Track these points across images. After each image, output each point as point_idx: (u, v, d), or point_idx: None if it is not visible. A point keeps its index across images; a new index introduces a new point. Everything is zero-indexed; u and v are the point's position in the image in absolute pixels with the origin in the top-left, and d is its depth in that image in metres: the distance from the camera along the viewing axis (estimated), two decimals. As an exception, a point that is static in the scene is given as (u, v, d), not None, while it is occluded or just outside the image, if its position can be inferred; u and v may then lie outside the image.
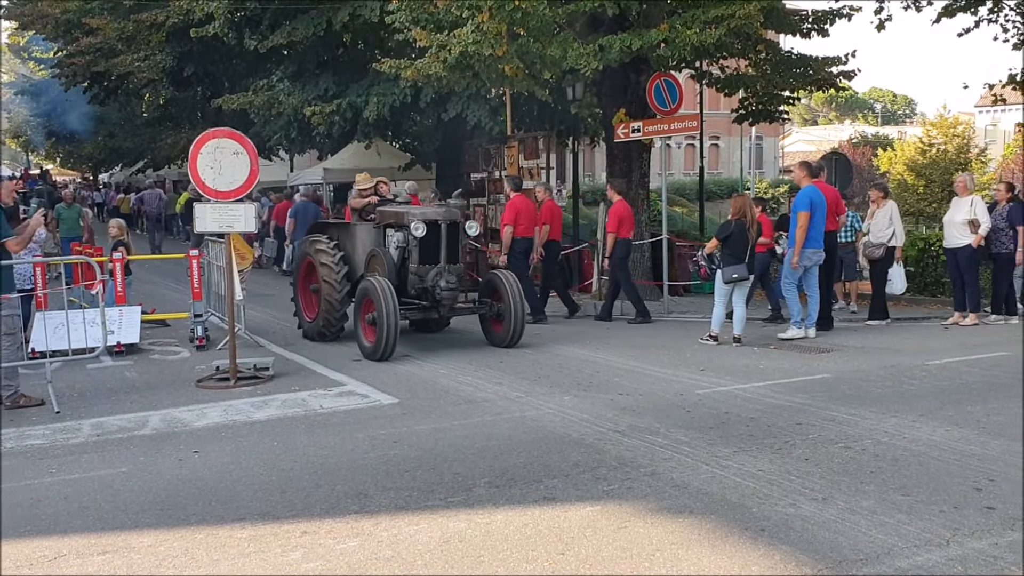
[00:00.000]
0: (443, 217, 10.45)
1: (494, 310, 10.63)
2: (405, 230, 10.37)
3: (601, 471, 5.70)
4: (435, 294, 10.17)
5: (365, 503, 5.21)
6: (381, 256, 10.48)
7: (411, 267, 10.36)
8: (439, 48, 12.62)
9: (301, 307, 11.66)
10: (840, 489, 5.27)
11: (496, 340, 10.61)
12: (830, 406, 7.31)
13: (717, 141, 52.90)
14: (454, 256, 10.52)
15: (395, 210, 10.91)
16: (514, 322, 10.32)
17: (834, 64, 15.10)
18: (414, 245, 10.29)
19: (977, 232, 11.40)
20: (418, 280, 10.32)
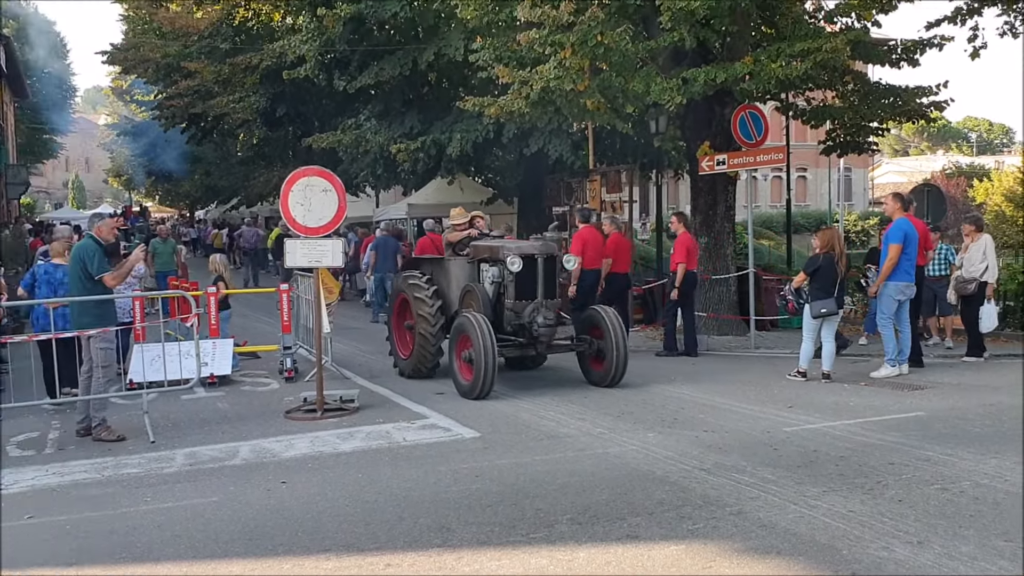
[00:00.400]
0: (540, 251, 10.15)
1: (594, 347, 10.18)
2: (500, 265, 10.11)
3: (686, 510, 5.61)
4: (532, 330, 9.85)
5: (447, 537, 5.23)
6: (476, 291, 10.23)
7: (507, 303, 10.08)
8: (521, 84, 12.77)
9: (396, 344, 11.50)
10: (937, 533, 5.07)
11: (595, 379, 10.18)
12: (925, 445, 7.05)
13: (805, 173, 51.96)
14: (551, 291, 10.19)
15: (490, 244, 10.66)
16: (616, 360, 9.87)
17: (924, 95, 14.72)
18: (510, 280, 10.01)
19: None
20: (514, 316, 10.03)
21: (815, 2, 14.58)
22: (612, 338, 9.90)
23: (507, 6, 13.32)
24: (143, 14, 32.78)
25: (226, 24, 26.01)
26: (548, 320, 9.84)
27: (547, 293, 10.09)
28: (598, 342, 10.14)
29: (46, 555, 5.23)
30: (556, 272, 10.33)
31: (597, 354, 10.18)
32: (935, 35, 14.13)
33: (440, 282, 10.90)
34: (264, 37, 24.83)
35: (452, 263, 10.99)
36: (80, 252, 8.35)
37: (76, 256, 8.38)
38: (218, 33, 26.42)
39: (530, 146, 17.71)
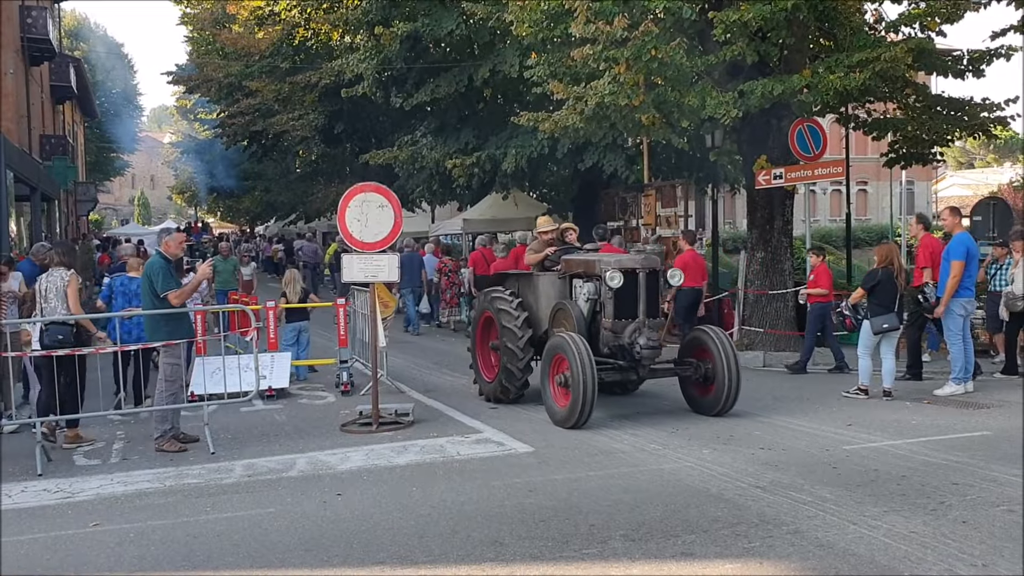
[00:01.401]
0: (642, 265, 9.25)
1: (701, 371, 9.24)
2: (597, 280, 9.28)
3: (741, 527, 5.53)
4: (633, 352, 8.96)
5: (500, 551, 5.23)
6: (569, 309, 9.37)
7: (604, 322, 9.19)
8: (576, 100, 12.79)
9: (479, 365, 10.74)
10: (1003, 556, 4.93)
11: (703, 406, 9.26)
12: (991, 466, 6.86)
13: (865, 186, 51.09)
14: (654, 309, 9.28)
15: (584, 258, 9.77)
16: (728, 385, 8.96)
17: (989, 109, 14.37)
18: (608, 297, 9.13)
19: None
20: (613, 337, 9.13)
21: (875, 13, 14.35)
22: (723, 360, 8.98)
23: (562, 22, 13.36)
24: (207, 35, 33.64)
25: (286, 44, 26.54)
26: (652, 341, 8.94)
27: (650, 311, 9.18)
28: (705, 365, 9.22)
29: (110, 562, 5.35)
30: (659, 288, 9.47)
31: (704, 379, 9.25)
32: (1001, 45, 13.80)
33: (527, 299, 10.15)
34: (323, 56, 25.28)
35: (541, 279, 10.15)
36: (148, 270, 8.59)
37: (146, 273, 8.62)
38: (278, 53, 26.98)
39: (584, 161, 17.73)
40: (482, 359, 10.75)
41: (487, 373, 10.57)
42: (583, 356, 8.41)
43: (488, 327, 10.56)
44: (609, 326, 9.16)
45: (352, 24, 21.32)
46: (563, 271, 9.98)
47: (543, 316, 9.89)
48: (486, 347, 10.66)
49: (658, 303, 9.42)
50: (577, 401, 8.42)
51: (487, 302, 10.35)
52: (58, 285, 8.55)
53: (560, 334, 9.03)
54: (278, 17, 26.61)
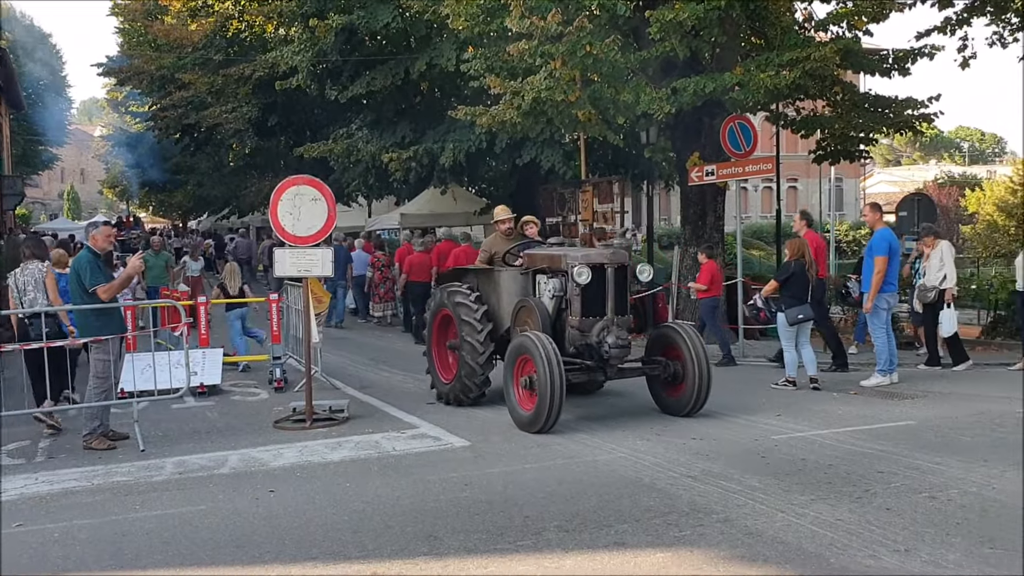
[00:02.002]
0: (610, 260, 8.79)
1: (670, 370, 8.86)
2: (563, 276, 8.83)
3: (672, 517, 5.61)
4: (602, 351, 8.56)
5: (435, 545, 5.23)
6: (533, 307, 8.88)
7: (571, 319, 8.70)
8: (513, 95, 12.84)
9: (435, 366, 10.20)
10: (924, 541, 5.08)
11: (672, 407, 8.90)
12: (914, 454, 7.06)
13: (795, 183, 52.14)
14: (623, 307, 8.84)
15: (549, 253, 9.36)
16: (698, 385, 8.61)
17: (914, 107, 14.80)
18: (575, 294, 8.65)
19: None
20: (579, 335, 8.68)
21: (805, 12, 14.67)
22: (693, 359, 8.62)
23: (497, 17, 13.40)
24: (138, 27, 32.86)
25: (219, 36, 26.07)
26: (621, 340, 8.54)
27: (618, 309, 8.76)
28: (674, 364, 8.84)
29: (34, 563, 5.21)
30: (628, 285, 9.01)
31: (673, 378, 8.86)
32: (926, 45, 14.24)
33: (488, 296, 9.62)
34: (257, 48, 24.89)
35: (502, 275, 9.62)
36: (76, 265, 8.40)
37: (73, 268, 8.43)
38: (211, 45, 26.47)
39: (523, 156, 17.77)
40: (439, 359, 10.22)
41: (444, 374, 10.07)
42: (550, 357, 7.98)
43: (445, 325, 10.06)
44: (576, 324, 8.68)
45: (286, 16, 21.04)
46: (526, 266, 9.54)
47: (505, 314, 9.40)
48: (443, 346, 10.15)
49: (627, 300, 8.96)
50: (544, 404, 7.96)
51: (445, 299, 9.80)
52: (36, 278, 8.43)
53: (525, 333, 8.55)
54: (211, 9, 26.14)
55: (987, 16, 15.89)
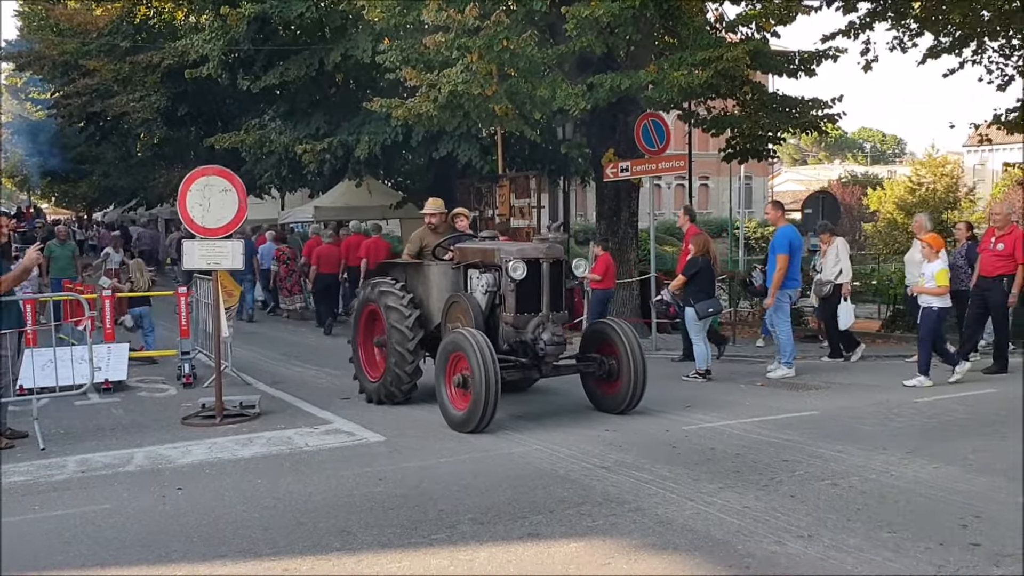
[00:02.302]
0: (545, 255, 8.57)
1: (605, 367, 8.69)
2: (496, 271, 8.61)
3: (586, 507, 5.68)
4: (537, 348, 8.33)
5: (348, 540, 5.18)
6: (465, 303, 8.64)
7: (505, 316, 8.48)
8: (429, 87, 12.77)
9: (361, 364, 9.87)
10: (826, 526, 5.25)
11: (607, 404, 8.73)
12: (817, 443, 7.30)
13: (707, 181, 53.24)
14: (558, 302, 8.64)
15: (482, 247, 9.09)
16: (634, 382, 8.47)
17: (819, 107, 15.26)
18: (510, 289, 8.40)
19: None
20: (514, 332, 8.45)
21: (716, 12, 14.97)
22: (629, 356, 8.47)
23: (414, 9, 13.31)
24: (39, 10, 31.50)
25: (126, 21, 25.19)
26: (557, 336, 8.35)
27: (554, 305, 8.55)
28: (609, 361, 8.68)
29: (-79, 569, 4.98)
30: (563, 280, 8.83)
31: (608, 375, 8.70)
32: (830, 47, 14.68)
33: (417, 291, 9.34)
34: (166, 36, 24.14)
35: (432, 269, 9.32)
36: (-30, 255, 8.02)
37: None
38: (118, 31, 25.57)
39: (439, 150, 17.70)
40: (365, 356, 9.88)
41: (371, 372, 9.73)
42: (484, 354, 7.72)
43: (372, 321, 9.74)
44: (511, 320, 8.43)
45: (196, 3, 20.50)
46: (457, 261, 9.24)
47: (435, 309, 9.12)
48: (370, 343, 9.83)
49: (562, 296, 8.77)
50: (478, 403, 7.69)
51: (371, 294, 9.51)
52: None
53: (457, 330, 8.32)
54: (118, -7, 25.24)
55: (888, 21, 16.50)
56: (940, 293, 10.02)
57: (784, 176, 69.35)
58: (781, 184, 65.14)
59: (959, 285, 11.90)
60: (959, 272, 11.89)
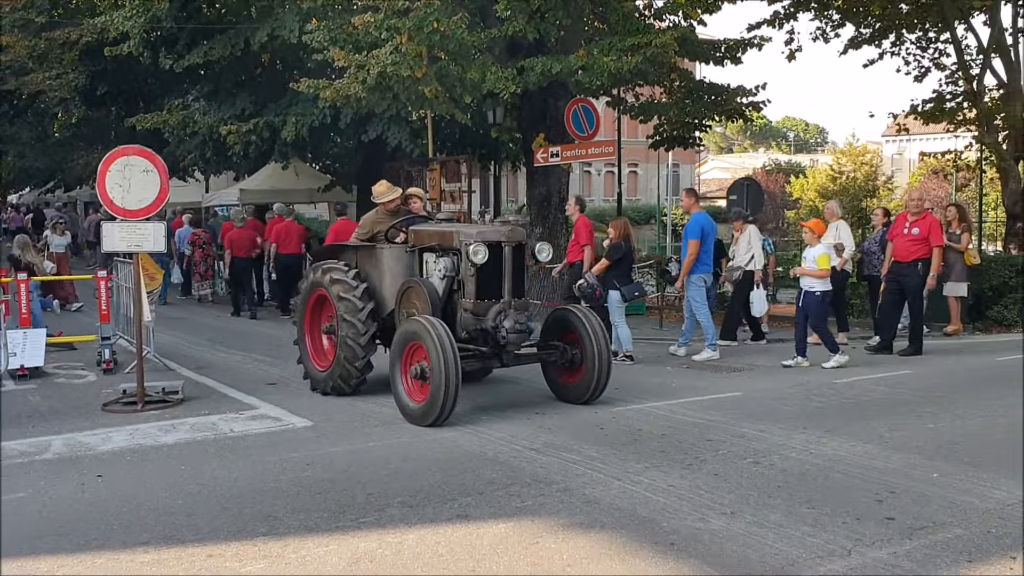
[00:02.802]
0: (508, 238, 8.15)
1: (567, 356, 8.38)
2: (454, 255, 8.22)
3: (515, 488, 5.71)
4: (498, 337, 7.95)
5: (274, 525, 5.11)
6: (421, 288, 8.23)
7: (464, 302, 8.07)
8: (358, 68, 12.62)
9: (308, 353, 9.37)
10: (748, 503, 5.38)
11: (570, 394, 8.41)
12: (740, 423, 7.46)
13: (636, 168, 53.76)
14: (520, 288, 8.27)
15: (440, 230, 8.61)
16: (598, 371, 8.15)
17: (745, 95, 15.55)
18: (470, 274, 8.01)
19: (841, 255, 11.83)
20: (473, 320, 8.03)
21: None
22: (592, 344, 8.15)
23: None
24: (-56, -20, 30.17)
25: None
26: (519, 324, 7.98)
27: (515, 291, 8.17)
28: (571, 349, 8.35)
29: None
30: (525, 265, 8.48)
31: (570, 363, 8.38)
32: (756, 36, 14.97)
33: (369, 276, 8.90)
34: (84, 12, 23.30)
35: (385, 252, 8.90)
36: None
37: None
38: (32, 5, 24.56)
39: (368, 132, 17.47)
40: (312, 345, 9.38)
41: (318, 360, 9.24)
42: (444, 343, 7.32)
43: (319, 307, 9.30)
44: (471, 307, 8.00)
45: (116, -22, 19.81)
46: (412, 244, 8.79)
47: (388, 295, 8.71)
48: (317, 331, 9.37)
49: (524, 281, 8.40)
50: (438, 395, 7.29)
51: (318, 278, 9.02)
52: None
53: (415, 318, 7.86)
54: (31, -34, 24.27)
55: (811, 11, 16.86)
56: (821, 276, 10.30)
57: (711, 164, 70.49)
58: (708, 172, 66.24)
59: (872, 271, 12.32)
60: (872, 258, 12.29)
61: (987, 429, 7.28)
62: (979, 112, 17.51)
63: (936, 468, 6.06)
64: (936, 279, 11.45)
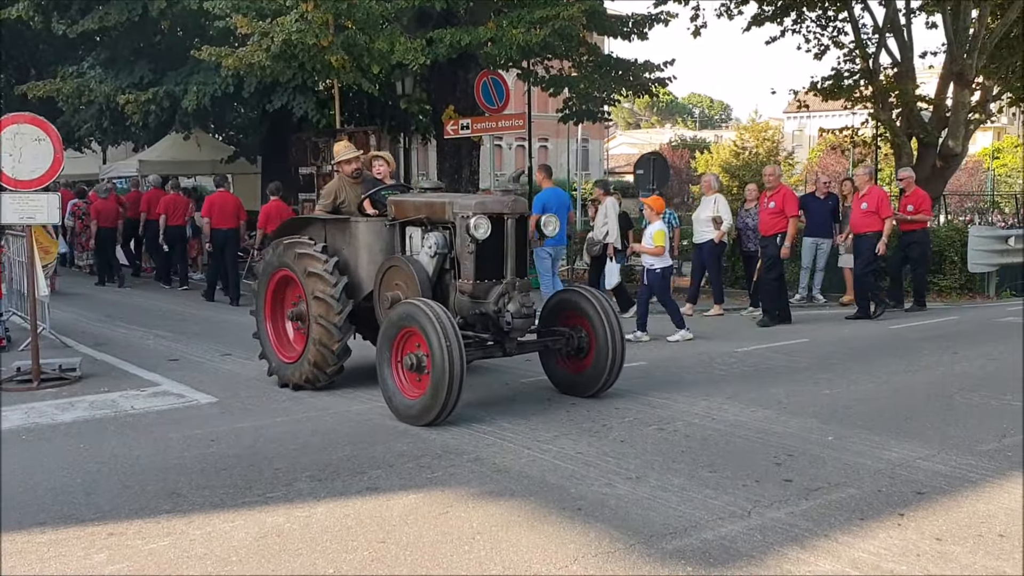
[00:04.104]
0: (511, 209, 7.11)
1: (574, 342, 7.39)
2: (447, 229, 7.23)
3: (425, 459, 5.73)
4: (501, 322, 6.95)
5: (178, 502, 5.01)
6: (408, 268, 7.22)
7: (461, 284, 7.06)
8: (262, 36, 12.32)
9: (271, 342, 8.29)
10: (653, 468, 5.51)
11: (577, 385, 7.49)
12: (646, 391, 7.63)
13: (546, 143, 53.98)
14: (523, 267, 7.27)
15: (428, 200, 7.51)
16: (612, 358, 7.23)
17: (651, 70, 15.75)
18: (469, 252, 6.98)
19: (719, 228, 12.20)
20: (470, 304, 7.05)
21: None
22: (604, 327, 7.23)
23: (245, -47, 12.76)
24: None
25: (-82, -47, 22.89)
26: (526, 308, 6.94)
27: (519, 270, 7.17)
28: (578, 334, 7.39)
29: None
30: (528, 240, 7.54)
31: (577, 351, 7.43)
32: (662, 11, 15.15)
33: (341, 254, 7.81)
34: (-33, -28, 22.11)
35: (361, 227, 7.78)
36: None
37: None
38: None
39: (273, 102, 17.06)
40: (274, 332, 8.33)
41: (283, 351, 8.21)
42: (447, 328, 6.36)
43: (283, 290, 8.26)
44: (469, 289, 7.01)
45: (3, -63, 18.80)
46: (394, 217, 7.71)
47: (364, 276, 7.69)
48: (280, 316, 8.33)
49: (527, 259, 7.48)
50: (440, 389, 6.33)
51: (282, 256, 7.98)
52: None
53: (408, 300, 6.90)
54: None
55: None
56: (656, 253, 10.47)
57: (619, 139, 71.32)
58: (616, 147, 67.01)
59: (749, 246, 12.73)
60: (749, 232, 12.66)
61: (879, 394, 7.61)
62: (874, 90, 18.14)
63: (831, 431, 6.31)
64: (790, 249, 12.00)
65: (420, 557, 4.22)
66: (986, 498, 4.94)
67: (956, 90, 17.33)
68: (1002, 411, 6.87)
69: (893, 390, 7.74)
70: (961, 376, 8.24)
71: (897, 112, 17.98)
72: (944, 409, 6.98)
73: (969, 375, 8.30)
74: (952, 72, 17.15)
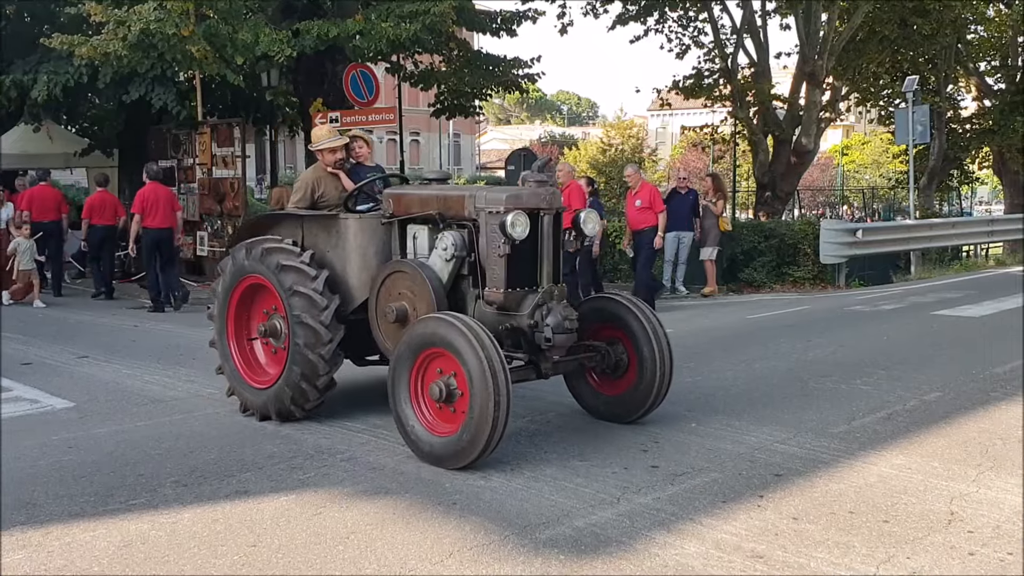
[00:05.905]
0: (549, 204, 5.87)
1: (611, 359, 6.27)
2: (466, 228, 5.98)
3: (297, 460, 5.64)
4: (538, 339, 5.75)
5: (33, 513, 4.77)
6: (417, 275, 5.96)
7: (489, 293, 5.86)
8: (118, 24, 11.79)
9: (236, 366, 6.89)
10: (526, 460, 5.60)
11: (613, 410, 6.42)
12: (518, 385, 7.69)
13: (418, 137, 53.77)
14: (559, 273, 6.05)
15: (440, 193, 6.30)
16: (659, 377, 6.17)
17: (520, 67, 15.95)
18: (500, 255, 5.71)
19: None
20: (496, 317, 5.85)
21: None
22: (652, 342, 6.15)
23: (98, -63, 12.18)
24: None
25: None
26: (569, 321, 5.74)
27: (556, 276, 5.98)
28: (616, 349, 6.29)
29: None
30: (562, 240, 6.15)
31: (614, 368, 6.32)
32: (530, 8, 15.35)
33: (326, 258, 6.48)
34: None
35: (351, 225, 6.46)
36: None
37: None
38: None
39: (131, 93, 16.35)
40: (240, 355, 6.92)
41: (252, 377, 6.81)
42: (489, 349, 5.18)
43: (249, 302, 6.86)
44: (499, 299, 5.81)
45: None
46: (392, 212, 6.43)
47: (355, 284, 6.40)
48: (249, 334, 6.97)
49: (560, 264, 6.12)
50: (483, 425, 5.14)
51: (254, 261, 6.53)
52: None
53: (433, 316, 5.60)
54: None
55: (582, -13, 17.47)
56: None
57: (490, 135, 71.75)
58: (487, 143, 67.41)
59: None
60: None
61: (738, 381, 7.93)
62: (733, 89, 18.91)
63: (695, 418, 6.55)
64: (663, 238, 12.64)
65: (293, 559, 4.16)
66: (838, 478, 5.24)
67: (808, 90, 18.26)
68: (851, 395, 7.28)
69: (752, 377, 8.08)
70: (814, 362, 8.68)
71: (754, 110, 18.80)
72: (799, 394, 7.35)
73: (821, 361, 8.75)
74: (804, 73, 18.05)
